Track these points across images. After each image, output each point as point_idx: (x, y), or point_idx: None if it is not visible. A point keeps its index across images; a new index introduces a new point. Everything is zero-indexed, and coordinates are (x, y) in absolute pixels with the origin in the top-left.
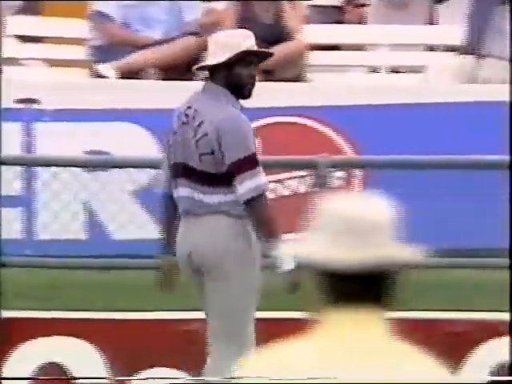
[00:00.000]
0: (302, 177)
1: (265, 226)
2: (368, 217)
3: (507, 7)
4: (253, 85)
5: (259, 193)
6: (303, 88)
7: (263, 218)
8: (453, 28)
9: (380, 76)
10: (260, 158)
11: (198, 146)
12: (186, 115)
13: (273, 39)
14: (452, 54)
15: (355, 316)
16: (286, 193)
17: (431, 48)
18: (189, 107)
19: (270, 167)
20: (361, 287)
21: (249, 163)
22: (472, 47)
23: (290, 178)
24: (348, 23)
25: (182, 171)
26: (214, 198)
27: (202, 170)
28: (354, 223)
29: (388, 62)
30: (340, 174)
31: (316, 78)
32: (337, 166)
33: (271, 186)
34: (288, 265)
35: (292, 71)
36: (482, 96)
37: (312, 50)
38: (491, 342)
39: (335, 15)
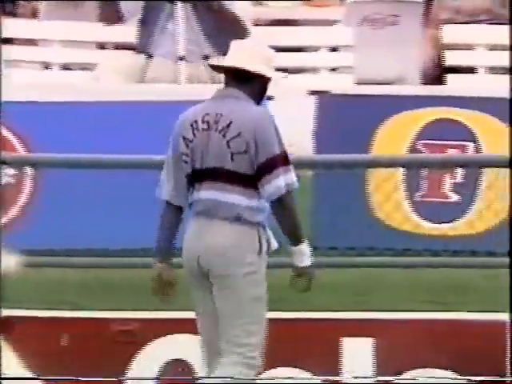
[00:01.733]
0: None
1: (292, 223)
2: None
3: (174, 8)
4: None
5: (291, 189)
6: None
7: (292, 214)
8: (124, 27)
9: (52, 73)
10: None
11: (229, 146)
12: (206, 122)
13: None
14: (123, 52)
15: None
16: None
17: (102, 46)
18: (207, 114)
19: None
20: None
21: (284, 159)
22: (142, 47)
23: None
24: (21, 17)
25: (208, 175)
26: (239, 199)
27: (232, 170)
28: None
29: (60, 58)
30: (11, 171)
31: None
32: (7, 163)
33: None
34: (307, 261)
35: None
36: (150, 96)
37: None
38: (160, 339)
39: (8, 8)
